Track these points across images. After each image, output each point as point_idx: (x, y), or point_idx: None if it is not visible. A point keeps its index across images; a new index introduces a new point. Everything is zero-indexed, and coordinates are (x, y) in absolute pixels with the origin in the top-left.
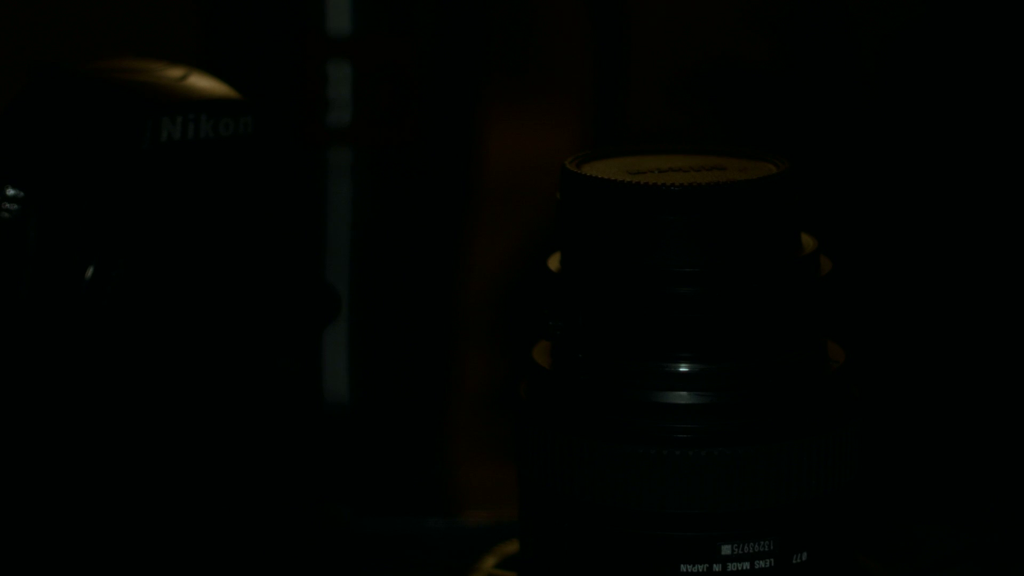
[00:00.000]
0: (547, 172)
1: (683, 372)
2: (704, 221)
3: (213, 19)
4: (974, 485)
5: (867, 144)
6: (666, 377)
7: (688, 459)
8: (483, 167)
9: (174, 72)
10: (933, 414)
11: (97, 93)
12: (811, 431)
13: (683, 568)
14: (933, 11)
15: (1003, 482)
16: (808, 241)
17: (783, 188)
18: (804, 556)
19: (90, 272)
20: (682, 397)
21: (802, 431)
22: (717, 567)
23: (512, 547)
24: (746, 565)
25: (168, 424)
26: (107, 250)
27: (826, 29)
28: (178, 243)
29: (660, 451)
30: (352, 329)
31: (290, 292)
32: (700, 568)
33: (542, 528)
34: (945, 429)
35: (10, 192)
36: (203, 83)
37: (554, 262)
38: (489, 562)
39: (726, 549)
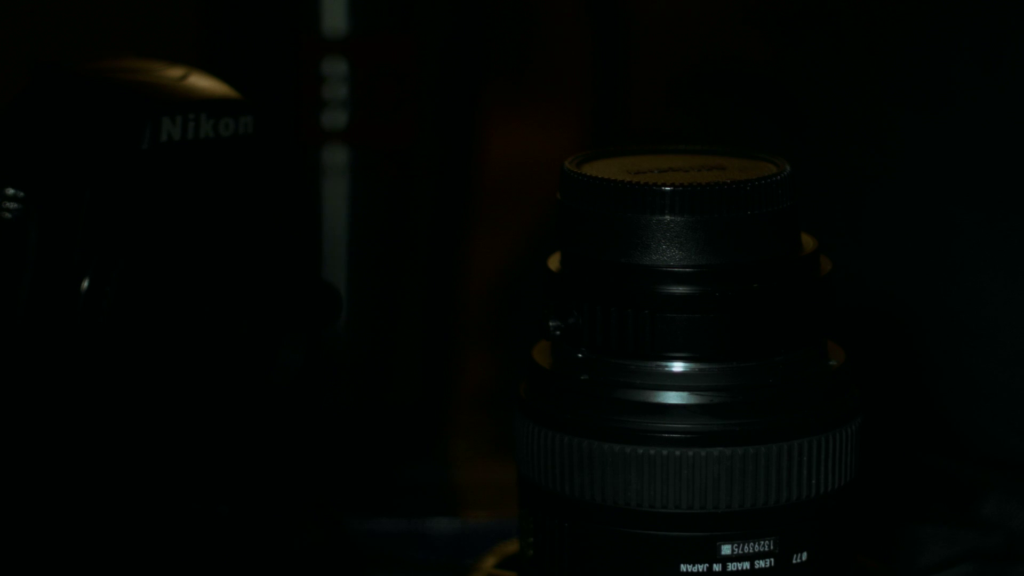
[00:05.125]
0: (547, 172)
1: (683, 372)
2: (702, 221)
3: (213, 19)
4: (974, 485)
5: (866, 144)
6: (666, 377)
7: (688, 459)
8: (483, 167)
9: (174, 72)
10: (932, 414)
11: (97, 93)
12: (811, 431)
13: (683, 568)
14: (934, 11)
15: (1003, 482)
16: (808, 241)
17: (782, 188)
18: (804, 556)
19: (90, 273)
20: (683, 397)
21: (802, 431)
22: (717, 567)
23: (512, 547)
24: (746, 565)
25: (167, 422)
26: (107, 250)
27: (826, 29)
28: (178, 243)
29: (660, 451)
30: (351, 329)
31: (290, 292)
32: (700, 568)
33: (542, 528)
34: (945, 429)
35: (10, 192)
36: (203, 83)
37: (554, 262)
38: (489, 562)
39: (726, 549)
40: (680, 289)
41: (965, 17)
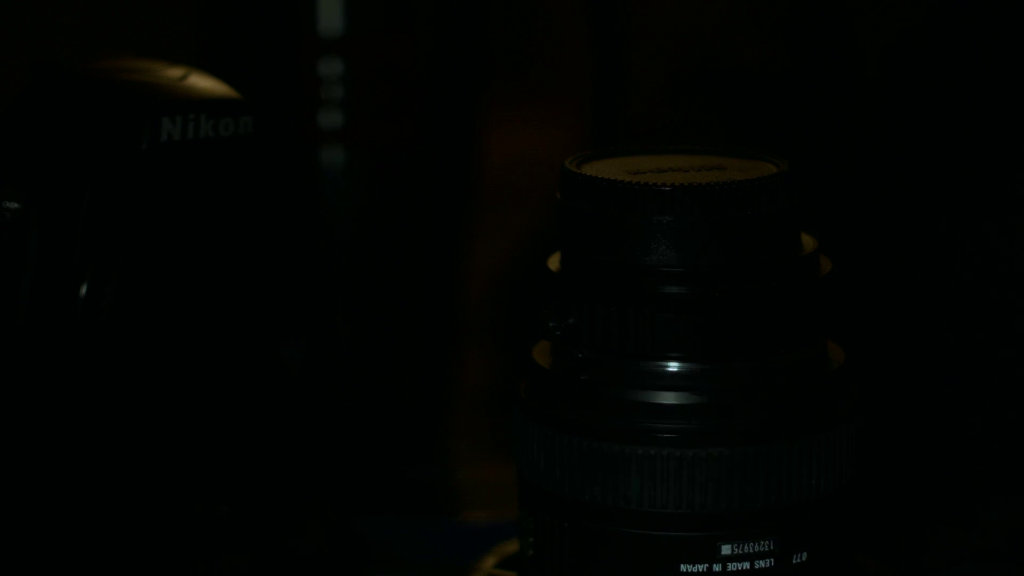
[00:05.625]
0: (547, 172)
1: (683, 372)
2: (696, 221)
3: (213, 19)
4: (974, 485)
5: (867, 144)
6: (666, 377)
7: (688, 459)
8: (483, 167)
9: (174, 72)
10: (933, 414)
11: (97, 93)
12: (811, 431)
13: (683, 568)
14: (933, 11)
15: (1003, 482)
16: (808, 241)
17: (782, 188)
18: (804, 556)
19: (90, 273)
20: (682, 397)
21: (802, 431)
22: (717, 567)
23: (512, 547)
24: (746, 565)
25: (167, 420)
26: (107, 250)
27: (826, 29)
28: (178, 243)
29: (660, 451)
30: (351, 329)
31: (290, 291)
32: (700, 568)
33: (542, 528)
34: (945, 429)
35: (10, 193)
36: (203, 83)
37: (554, 262)
38: (489, 562)
39: (726, 549)
40: (680, 289)
41: (964, 17)
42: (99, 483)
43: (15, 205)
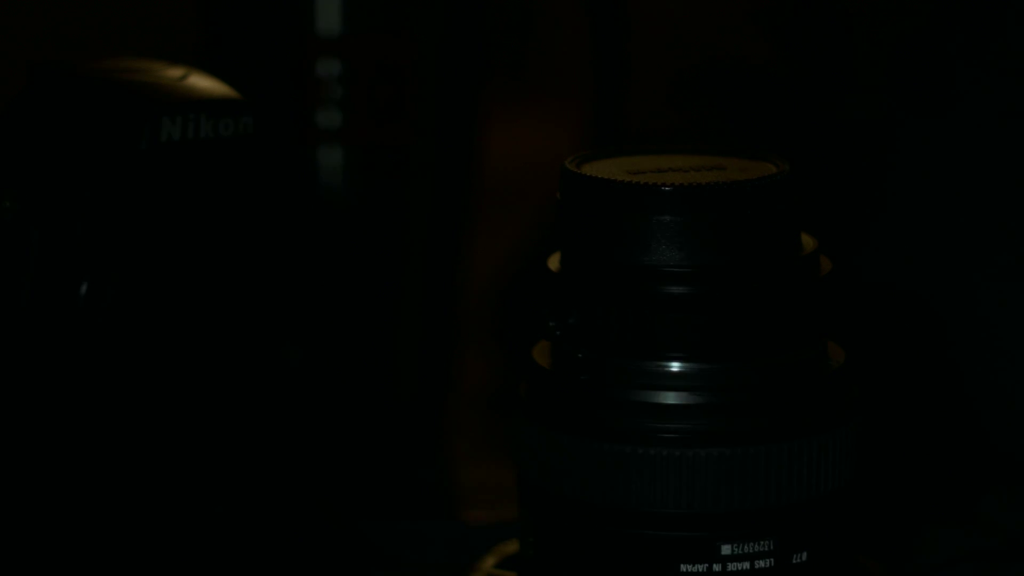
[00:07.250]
0: (547, 172)
1: (682, 372)
2: (697, 221)
3: (213, 19)
4: (974, 485)
5: (867, 144)
6: (666, 377)
7: (688, 459)
8: (483, 167)
9: (174, 72)
10: (933, 414)
11: (96, 93)
12: (811, 431)
13: (683, 568)
14: (933, 11)
15: (1003, 482)
16: (808, 241)
17: (782, 188)
18: (804, 556)
19: (90, 273)
20: (682, 397)
21: (802, 431)
22: (717, 567)
23: (512, 547)
24: (746, 565)
25: (167, 420)
26: (107, 251)
27: (826, 29)
28: (178, 243)
29: (660, 451)
30: (351, 329)
31: (289, 291)
32: (700, 568)
33: (542, 528)
34: (945, 429)
35: (10, 193)
36: (203, 83)
37: (554, 262)
38: (489, 562)
39: (726, 549)
40: (679, 289)
41: (963, 17)
42: (99, 482)
43: (16, 206)
